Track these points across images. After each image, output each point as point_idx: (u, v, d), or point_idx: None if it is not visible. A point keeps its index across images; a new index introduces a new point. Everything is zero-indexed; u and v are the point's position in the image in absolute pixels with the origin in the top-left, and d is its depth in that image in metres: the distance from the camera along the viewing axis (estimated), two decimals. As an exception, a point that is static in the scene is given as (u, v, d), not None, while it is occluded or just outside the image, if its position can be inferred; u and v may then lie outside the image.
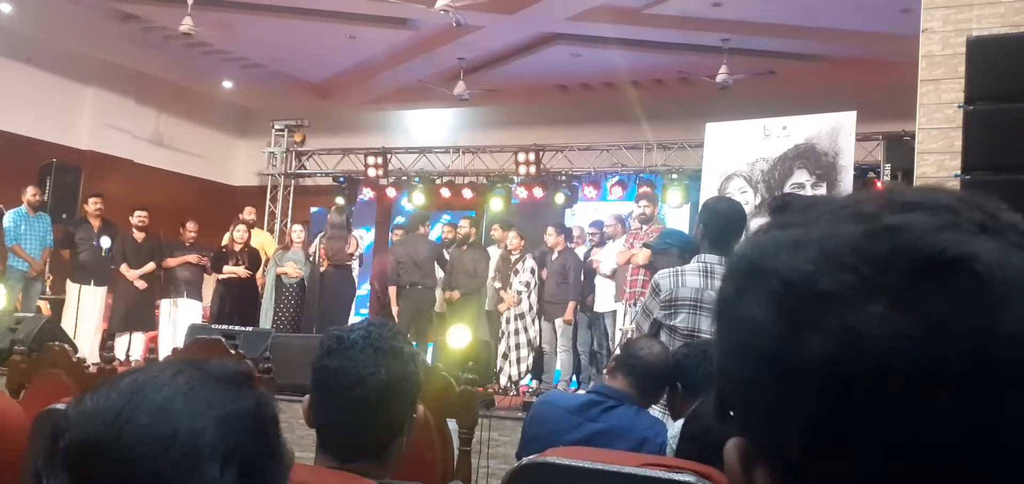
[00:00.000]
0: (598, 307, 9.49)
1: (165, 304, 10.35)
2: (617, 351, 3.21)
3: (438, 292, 10.14)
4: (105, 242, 10.04)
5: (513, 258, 9.86)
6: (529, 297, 9.63)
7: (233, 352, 3.65)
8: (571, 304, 9.46)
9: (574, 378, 9.66)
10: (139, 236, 10.36)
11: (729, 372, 0.59)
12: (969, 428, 0.50)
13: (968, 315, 0.50)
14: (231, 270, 10.00)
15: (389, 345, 1.89)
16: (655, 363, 3.11)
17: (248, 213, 11.03)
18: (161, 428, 0.93)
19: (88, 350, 9.11)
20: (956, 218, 0.53)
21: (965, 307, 0.50)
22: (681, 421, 2.94)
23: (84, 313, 9.86)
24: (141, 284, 10.22)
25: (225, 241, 10.48)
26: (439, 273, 10.14)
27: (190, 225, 10.50)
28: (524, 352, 9.62)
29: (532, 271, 9.68)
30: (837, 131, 6.95)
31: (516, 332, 9.59)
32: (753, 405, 0.57)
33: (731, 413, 0.60)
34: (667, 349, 3.35)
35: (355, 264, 10.53)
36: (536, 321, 9.69)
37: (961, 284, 0.50)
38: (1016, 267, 0.51)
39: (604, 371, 3.16)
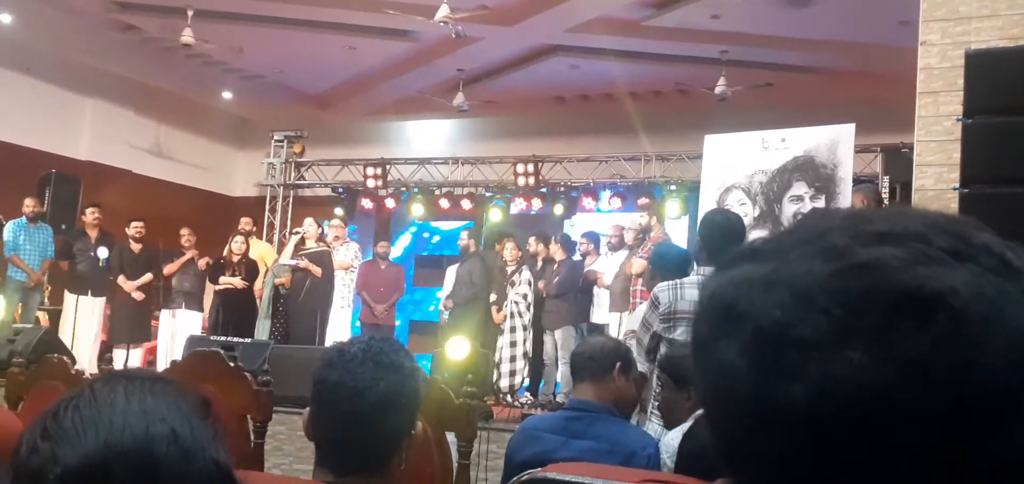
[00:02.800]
0: (596, 319, 9.49)
1: (164, 315, 10.33)
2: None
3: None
4: (102, 253, 10.03)
5: (510, 270, 9.86)
6: (528, 309, 9.63)
7: (232, 364, 3.64)
8: (568, 329, 9.47)
9: None
10: (136, 247, 10.34)
11: (710, 414, 0.58)
12: (954, 466, 0.49)
13: (948, 353, 0.49)
14: (227, 281, 9.97)
15: (389, 359, 1.89)
16: (599, 344, 3.19)
17: (245, 224, 11.02)
18: (159, 428, 0.94)
19: (86, 361, 9.10)
20: (927, 247, 0.52)
21: (944, 345, 0.49)
22: (675, 433, 2.94)
23: (82, 324, 9.84)
24: (139, 295, 10.20)
25: (225, 252, 10.48)
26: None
27: (185, 232, 10.49)
28: (520, 363, 9.61)
29: (529, 283, 9.68)
30: (836, 143, 6.96)
31: (512, 344, 9.59)
32: (734, 449, 0.56)
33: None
34: (609, 339, 3.43)
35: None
36: (531, 333, 9.68)
37: (939, 322, 0.49)
38: (991, 298, 0.50)
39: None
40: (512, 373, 9.58)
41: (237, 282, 9.94)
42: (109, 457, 0.92)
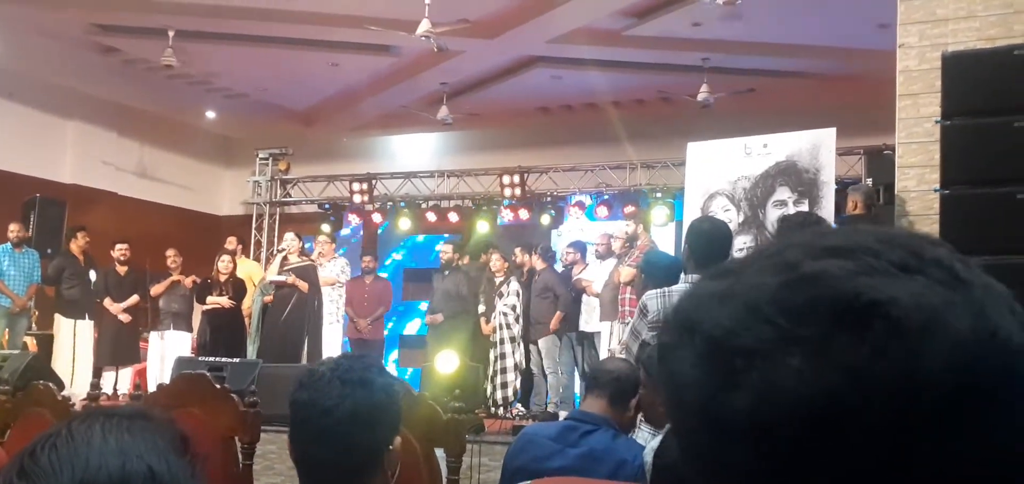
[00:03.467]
0: (584, 327, 9.50)
1: (153, 337, 10.30)
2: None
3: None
4: (94, 276, 10.03)
5: (497, 280, 9.87)
6: (516, 321, 9.64)
7: (218, 386, 3.63)
8: (558, 315, 9.47)
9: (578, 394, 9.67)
10: (122, 270, 10.32)
11: (673, 423, 0.59)
12: (894, 474, 0.49)
13: (886, 360, 0.49)
14: (214, 301, 9.94)
15: (358, 376, 1.91)
16: (622, 367, 3.15)
17: (231, 242, 10.99)
18: (135, 465, 0.94)
19: (85, 385, 9.10)
20: (875, 260, 0.53)
21: (882, 353, 0.49)
22: (655, 441, 2.96)
23: (80, 348, 9.83)
24: (125, 317, 10.18)
25: (212, 272, 10.45)
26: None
27: (170, 252, 10.46)
28: (511, 376, 9.61)
29: (517, 294, 9.69)
30: (818, 148, 7.00)
31: (503, 356, 9.60)
32: (693, 455, 0.57)
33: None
34: (629, 362, 3.39)
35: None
36: (521, 344, 9.69)
37: (876, 330, 0.50)
38: (932, 307, 0.51)
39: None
40: (504, 385, 9.59)
41: (224, 301, 9.90)
42: None
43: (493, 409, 9.23)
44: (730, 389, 0.52)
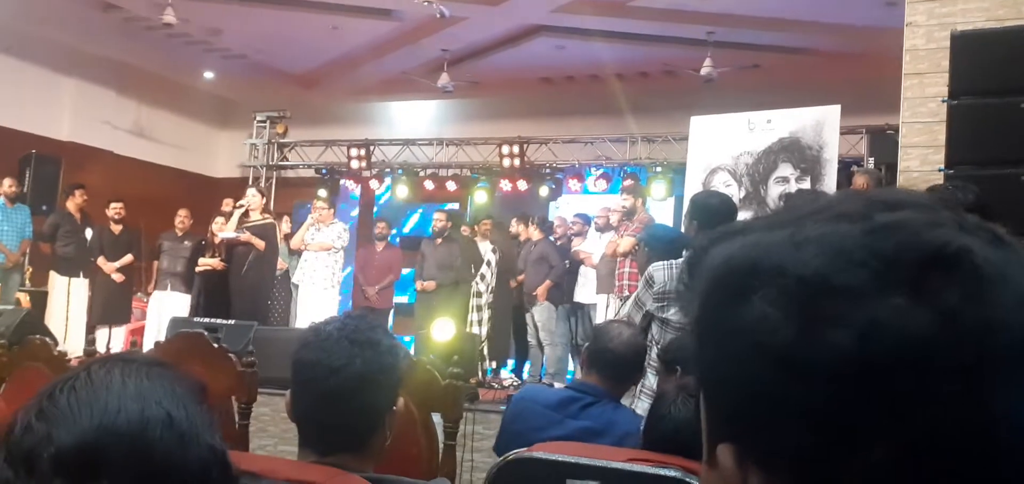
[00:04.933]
0: (578, 298, 9.50)
1: (155, 297, 10.29)
2: (587, 343, 3.19)
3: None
4: (90, 234, 10.00)
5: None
6: (483, 294, 9.71)
7: (216, 345, 3.62)
8: (546, 283, 9.48)
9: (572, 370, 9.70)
10: (116, 228, 10.30)
11: (722, 381, 0.59)
12: (974, 416, 0.52)
13: (973, 306, 0.52)
14: (206, 262, 9.89)
15: (365, 337, 1.90)
16: (624, 352, 3.11)
17: (227, 205, 10.94)
18: (154, 411, 0.94)
19: (78, 342, 9.07)
20: (938, 215, 0.56)
21: (970, 298, 0.53)
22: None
23: (74, 306, 9.80)
24: (118, 277, 10.15)
25: (207, 234, 10.42)
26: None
27: (182, 213, 10.40)
28: (484, 333, 9.70)
29: (488, 264, 9.74)
30: (821, 125, 6.97)
31: (480, 322, 9.64)
32: (754, 408, 0.57)
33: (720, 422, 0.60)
34: (636, 332, 3.35)
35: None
36: (490, 308, 9.73)
37: (966, 276, 0.53)
38: (998, 260, 0.54)
39: (578, 364, 3.15)
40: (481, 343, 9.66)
41: (215, 263, 9.85)
42: (104, 439, 0.91)
43: (484, 377, 9.25)
44: (826, 327, 0.53)
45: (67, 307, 9.76)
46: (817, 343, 0.53)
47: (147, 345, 9.30)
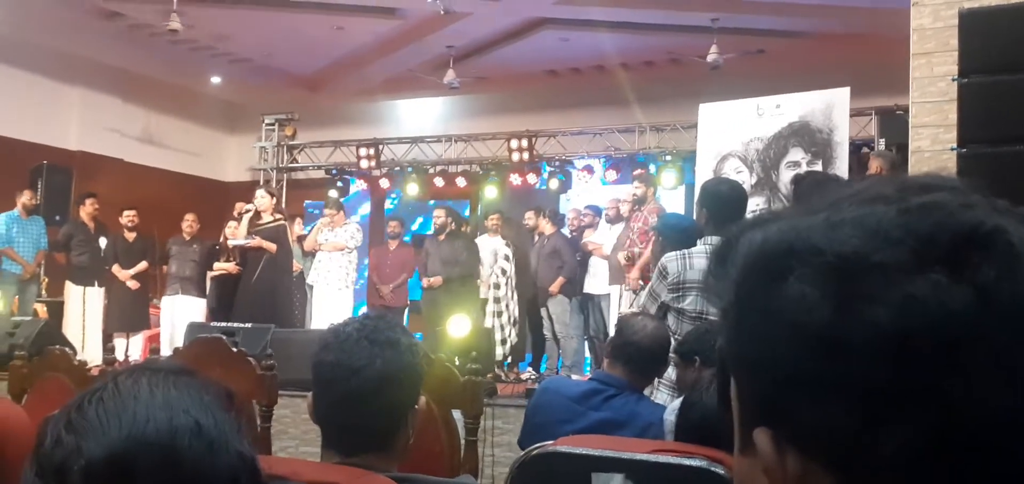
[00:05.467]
0: (589, 289, 9.49)
1: (165, 302, 10.32)
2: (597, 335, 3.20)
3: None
4: (103, 243, 10.04)
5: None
6: (502, 273, 9.67)
7: (234, 349, 3.63)
8: (560, 280, 9.47)
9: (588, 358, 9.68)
10: (130, 236, 10.35)
11: (758, 364, 0.59)
12: (1010, 394, 0.52)
13: (1010, 283, 0.53)
14: (221, 267, 9.90)
15: (385, 336, 1.91)
16: (650, 345, 3.11)
17: (239, 208, 10.95)
18: (182, 420, 0.94)
19: (97, 352, 9.13)
20: (966, 197, 0.57)
21: (1007, 276, 0.53)
22: (676, 402, 2.95)
23: (90, 316, 9.85)
24: (133, 284, 10.20)
25: (221, 238, 10.43)
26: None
27: (188, 217, 10.44)
28: (508, 331, 9.66)
29: (506, 258, 9.72)
30: (831, 108, 6.94)
31: (498, 314, 9.63)
32: (791, 390, 0.57)
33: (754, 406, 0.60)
34: (661, 324, 3.35)
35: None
36: (515, 297, 9.69)
37: (1002, 254, 0.54)
38: None
39: (604, 358, 3.14)
40: (503, 342, 9.62)
41: (231, 267, 9.86)
42: (133, 449, 0.92)
43: (502, 371, 9.25)
44: (865, 304, 0.54)
45: (83, 316, 9.81)
46: (855, 321, 0.54)
47: (164, 351, 9.32)
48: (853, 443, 0.55)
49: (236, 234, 9.62)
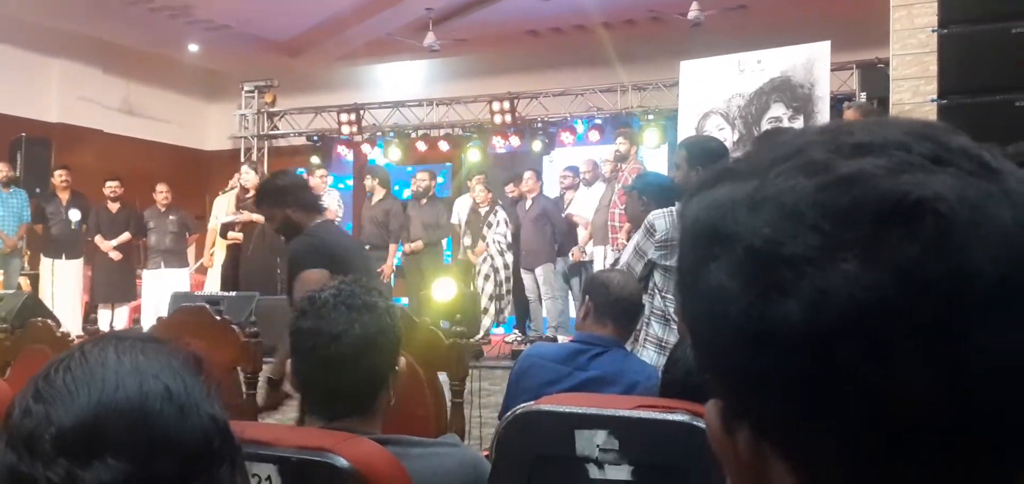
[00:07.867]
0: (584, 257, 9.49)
1: (147, 275, 10.29)
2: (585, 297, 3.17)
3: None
4: (74, 215, 9.98)
5: (483, 211, 9.84)
6: (508, 249, 9.64)
7: (218, 317, 3.63)
8: (548, 266, 9.47)
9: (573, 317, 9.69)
10: (113, 207, 10.30)
11: (700, 338, 0.58)
12: (944, 374, 0.49)
13: (937, 257, 0.49)
14: (235, 236, 9.75)
15: (362, 301, 1.92)
16: (629, 296, 3.12)
17: (233, 181, 10.83)
18: (152, 385, 0.94)
19: (70, 324, 9.06)
20: (909, 155, 0.52)
21: (932, 250, 0.49)
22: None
23: (60, 288, 9.80)
24: (116, 255, 10.16)
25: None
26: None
27: (161, 188, 10.40)
28: (504, 302, 9.66)
29: (506, 223, 9.68)
30: (812, 62, 6.94)
31: (498, 284, 9.62)
32: (728, 372, 0.56)
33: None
34: (627, 275, 3.38)
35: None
36: (511, 271, 9.69)
37: (927, 227, 0.50)
38: (974, 201, 0.50)
39: (582, 317, 3.11)
40: (499, 312, 9.63)
41: (238, 237, 9.80)
42: (103, 415, 0.91)
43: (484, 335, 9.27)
44: (778, 299, 0.51)
45: (52, 288, 9.77)
46: (770, 316, 0.51)
47: (147, 322, 9.30)
48: (785, 431, 0.53)
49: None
